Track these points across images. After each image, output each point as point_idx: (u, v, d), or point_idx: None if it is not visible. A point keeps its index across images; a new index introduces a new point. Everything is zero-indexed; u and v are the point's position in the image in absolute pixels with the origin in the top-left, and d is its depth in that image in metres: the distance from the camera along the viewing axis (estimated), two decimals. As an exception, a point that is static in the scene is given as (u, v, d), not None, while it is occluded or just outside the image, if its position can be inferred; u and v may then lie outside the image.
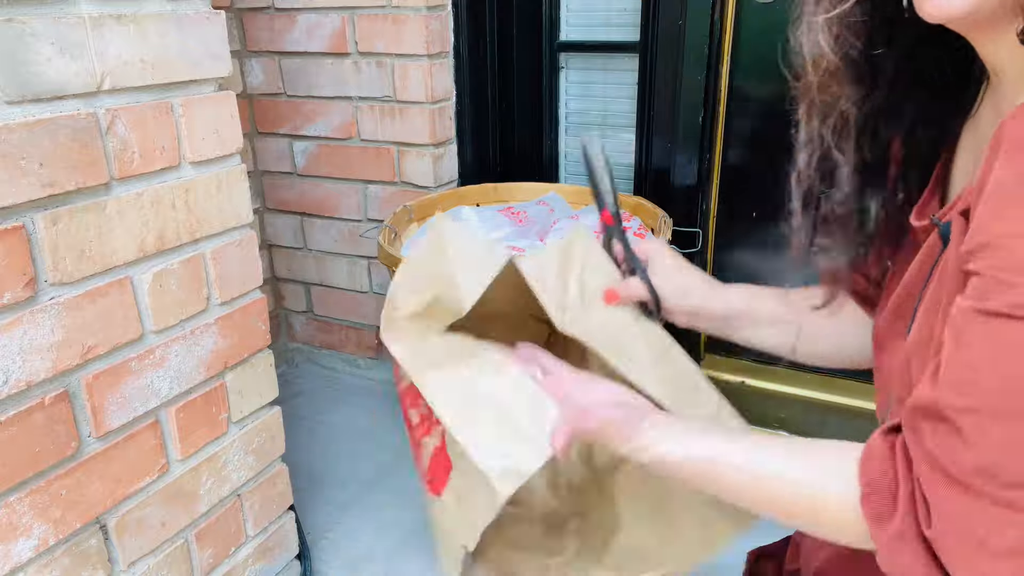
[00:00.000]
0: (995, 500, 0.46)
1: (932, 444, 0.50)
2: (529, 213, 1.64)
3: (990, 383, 0.46)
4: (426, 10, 1.64)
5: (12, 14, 0.77)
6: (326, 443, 1.85)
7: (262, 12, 1.80)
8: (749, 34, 1.56)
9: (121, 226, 0.91)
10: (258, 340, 1.14)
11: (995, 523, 0.47)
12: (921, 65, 0.62)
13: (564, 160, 1.95)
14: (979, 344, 0.47)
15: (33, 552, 0.86)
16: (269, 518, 1.23)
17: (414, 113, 1.73)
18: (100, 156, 0.87)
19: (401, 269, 0.72)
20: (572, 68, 1.87)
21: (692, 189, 1.67)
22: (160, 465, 1.01)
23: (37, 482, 0.86)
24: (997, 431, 0.46)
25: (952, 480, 0.48)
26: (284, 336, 2.23)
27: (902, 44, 0.61)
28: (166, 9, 0.92)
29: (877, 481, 0.53)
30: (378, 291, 2.00)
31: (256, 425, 1.17)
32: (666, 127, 1.66)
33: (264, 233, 2.09)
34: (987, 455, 0.46)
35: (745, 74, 1.61)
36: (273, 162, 1.98)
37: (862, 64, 0.61)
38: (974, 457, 0.47)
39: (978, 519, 0.47)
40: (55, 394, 0.86)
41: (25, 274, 0.81)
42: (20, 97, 0.78)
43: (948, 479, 0.48)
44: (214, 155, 1.02)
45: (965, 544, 0.48)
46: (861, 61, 0.61)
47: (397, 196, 1.83)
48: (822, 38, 0.59)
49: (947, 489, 0.48)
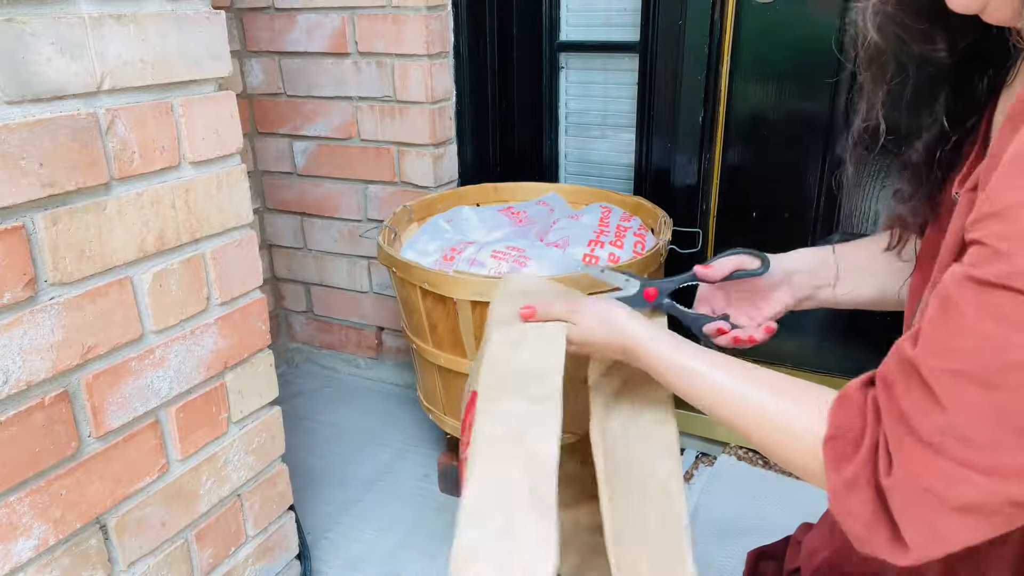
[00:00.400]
0: (958, 460, 0.48)
1: (904, 400, 0.51)
2: (529, 213, 1.64)
3: (973, 349, 0.47)
4: (426, 10, 1.64)
5: (12, 14, 0.77)
6: (326, 443, 1.85)
7: (262, 12, 1.80)
8: (749, 34, 1.56)
9: (121, 226, 0.91)
10: (258, 340, 1.14)
11: (953, 480, 0.48)
12: (957, 44, 0.65)
13: (564, 160, 1.95)
14: (968, 311, 0.48)
15: (33, 552, 0.86)
16: (269, 518, 1.23)
17: (414, 113, 1.73)
18: (100, 156, 0.87)
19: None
20: (572, 68, 1.87)
21: (692, 189, 1.67)
22: (160, 465, 1.01)
23: (37, 482, 0.86)
24: (972, 395, 0.47)
25: (918, 437, 0.49)
26: (284, 336, 2.23)
27: (939, 27, 0.63)
28: (166, 9, 0.92)
29: (844, 426, 0.56)
30: (378, 291, 2.00)
31: (256, 425, 1.17)
32: (666, 127, 1.66)
33: (264, 233, 2.09)
34: (957, 417, 0.47)
35: (745, 74, 1.61)
36: (273, 162, 1.98)
37: (900, 45, 0.64)
38: (945, 418, 0.48)
39: (938, 475, 0.48)
40: (55, 394, 0.86)
41: (25, 274, 0.81)
42: (20, 97, 0.78)
43: (914, 435, 0.50)
44: (214, 155, 1.02)
45: (921, 496, 0.49)
46: (899, 42, 0.64)
47: (397, 196, 1.83)
48: (869, 21, 0.63)
49: (913, 445, 0.50)
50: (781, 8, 1.48)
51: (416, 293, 1.36)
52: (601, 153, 1.90)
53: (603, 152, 1.89)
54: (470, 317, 1.30)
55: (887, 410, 0.52)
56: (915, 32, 0.63)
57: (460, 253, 1.38)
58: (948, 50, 0.65)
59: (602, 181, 1.90)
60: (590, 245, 1.41)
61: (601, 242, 1.42)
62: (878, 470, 0.52)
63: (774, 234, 1.63)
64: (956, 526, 0.48)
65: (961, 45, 0.65)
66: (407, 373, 2.06)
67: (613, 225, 1.49)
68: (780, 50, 1.51)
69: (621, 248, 1.41)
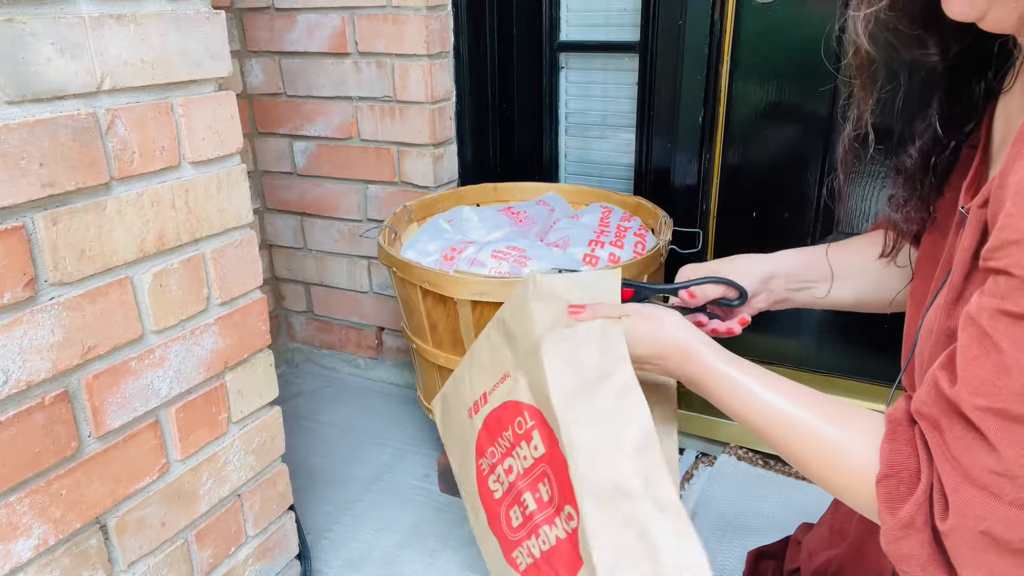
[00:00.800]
0: (1012, 501, 0.47)
1: (953, 443, 0.50)
2: (529, 213, 1.64)
3: (1015, 386, 0.46)
4: (426, 10, 1.64)
5: (12, 14, 0.77)
6: (326, 443, 1.85)
7: (262, 12, 1.80)
8: (749, 34, 1.56)
9: (121, 226, 0.91)
10: (258, 340, 1.14)
11: (1011, 523, 0.47)
12: (950, 48, 0.65)
13: (564, 160, 1.95)
14: (1006, 346, 0.47)
15: (33, 552, 0.86)
16: (269, 518, 1.23)
17: (414, 113, 1.73)
18: (100, 156, 0.87)
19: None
20: (572, 68, 1.87)
21: (692, 189, 1.67)
22: (160, 465, 1.01)
23: (37, 482, 0.86)
24: (1021, 434, 0.46)
25: (972, 479, 0.48)
26: (284, 336, 2.23)
27: (933, 32, 0.63)
28: (166, 9, 0.92)
29: (897, 463, 0.54)
30: (378, 291, 2.00)
31: (256, 425, 1.17)
32: (666, 127, 1.66)
33: (264, 233, 2.09)
34: (1009, 458, 0.47)
35: (745, 74, 1.61)
36: (273, 162, 1.98)
37: (892, 52, 0.65)
38: (995, 459, 0.47)
39: (995, 519, 0.48)
40: (55, 394, 0.86)
41: (25, 274, 0.81)
42: (20, 97, 0.78)
43: (968, 478, 0.49)
44: (214, 155, 1.02)
45: (979, 540, 0.48)
46: (891, 49, 0.64)
47: (397, 196, 1.83)
48: (860, 29, 0.63)
49: (967, 488, 0.49)
50: (781, 8, 1.48)
51: (416, 293, 1.36)
52: (601, 153, 1.90)
53: (603, 152, 1.89)
54: (470, 317, 1.30)
55: (938, 452, 0.51)
56: (908, 38, 0.62)
57: (460, 253, 1.39)
58: (941, 55, 0.64)
59: (602, 181, 1.90)
60: (590, 245, 1.41)
61: (601, 242, 1.42)
62: (934, 513, 0.51)
63: (774, 234, 1.63)
64: (1015, 568, 0.48)
65: (955, 50, 0.65)
66: (407, 373, 2.06)
67: (613, 225, 1.49)
68: (780, 50, 1.51)
69: (621, 248, 1.41)
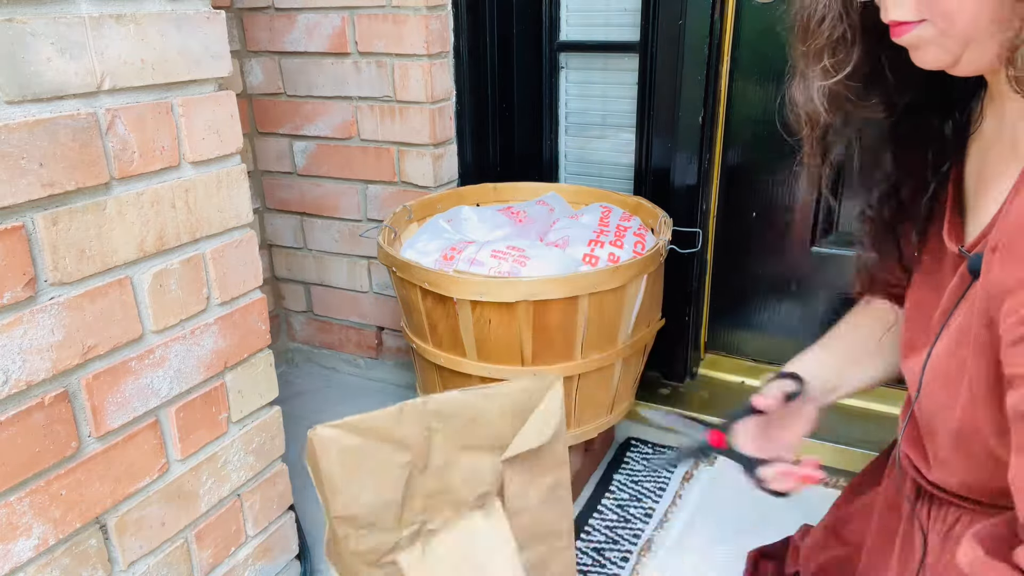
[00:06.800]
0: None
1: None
2: (529, 213, 1.64)
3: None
4: (426, 10, 1.64)
5: (12, 14, 0.77)
6: (326, 443, 1.84)
7: (262, 12, 1.80)
8: (749, 34, 1.56)
9: (121, 226, 0.91)
10: (258, 340, 1.14)
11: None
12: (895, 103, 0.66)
13: (564, 160, 1.95)
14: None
15: (33, 552, 0.86)
16: (269, 518, 1.23)
17: (414, 113, 1.73)
18: (100, 156, 0.87)
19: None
20: (572, 68, 1.87)
21: (692, 189, 1.67)
22: (160, 465, 1.01)
23: (37, 482, 0.86)
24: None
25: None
26: (284, 336, 2.23)
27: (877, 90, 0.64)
28: (166, 9, 0.92)
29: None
30: (378, 291, 2.00)
31: (256, 425, 1.17)
32: (666, 127, 1.66)
33: (264, 233, 2.09)
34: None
35: (745, 74, 1.61)
36: (273, 162, 1.98)
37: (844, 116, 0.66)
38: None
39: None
40: (55, 394, 0.86)
41: (25, 274, 0.81)
42: (20, 97, 0.78)
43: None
44: (214, 155, 1.02)
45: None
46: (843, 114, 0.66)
47: (397, 196, 1.83)
48: (818, 100, 0.63)
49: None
50: (781, 8, 1.48)
51: (416, 293, 1.36)
52: (601, 153, 1.90)
53: (603, 152, 1.89)
54: (470, 317, 1.30)
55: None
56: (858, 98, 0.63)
57: (460, 253, 1.39)
58: (886, 110, 0.65)
59: (602, 181, 1.90)
60: (590, 245, 1.41)
61: (601, 242, 1.42)
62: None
63: (774, 234, 1.63)
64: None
65: (900, 104, 0.66)
66: (407, 373, 2.06)
67: (613, 225, 1.49)
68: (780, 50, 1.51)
69: (621, 248, 1.41)
